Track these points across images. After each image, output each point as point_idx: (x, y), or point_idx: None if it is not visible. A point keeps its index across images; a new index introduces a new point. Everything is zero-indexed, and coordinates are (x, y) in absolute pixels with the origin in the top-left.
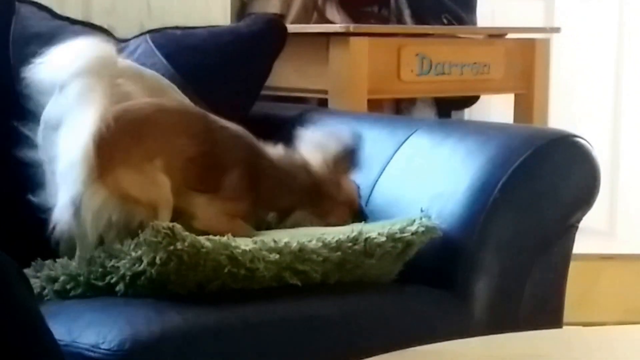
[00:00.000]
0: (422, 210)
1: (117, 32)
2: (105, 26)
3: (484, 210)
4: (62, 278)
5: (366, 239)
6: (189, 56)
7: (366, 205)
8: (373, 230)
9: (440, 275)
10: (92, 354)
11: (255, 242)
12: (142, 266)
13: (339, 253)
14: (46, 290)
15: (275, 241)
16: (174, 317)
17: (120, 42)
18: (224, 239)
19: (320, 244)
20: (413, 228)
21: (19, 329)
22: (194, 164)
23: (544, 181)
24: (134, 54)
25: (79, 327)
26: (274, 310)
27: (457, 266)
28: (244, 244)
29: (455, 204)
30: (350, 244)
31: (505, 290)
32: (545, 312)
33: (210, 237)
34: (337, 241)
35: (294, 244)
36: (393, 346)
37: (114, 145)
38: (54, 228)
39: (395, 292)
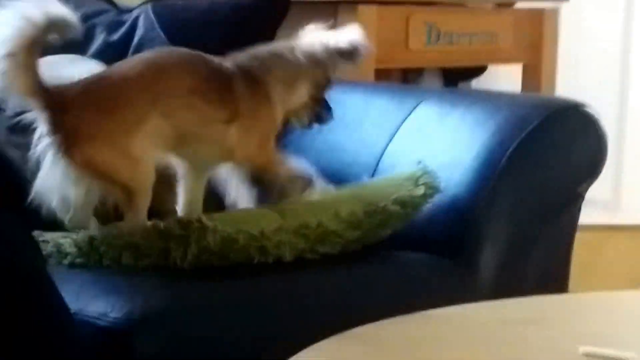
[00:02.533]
0: (419, 163)
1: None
2: None
3: (491, 179)
4: (70, 250)
5: (382, 211)
6: (187, 30)
7: (373, 175)
8: (383, 197)
9: (448, 243)
10: (100, 322)
11: (282, 227)
12: (170, 260)
13: (358, 231)
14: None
15: (302, 225)
16: (183, 288)
17: (124, 12)
18: (257, 228)
19: (343, 225)
20: (420, 191)
21: (30, 291)
22: (203, 95)
23: (552, 150)
24: (136, 25)
25: (87, 296)
26: (284, 282)
27: (464, 235)
28: (273, 226)
29: (463, 173)
30: (369, 220)
31: (511, 258)
32: (551, 281)
33: (242, 227)
34: (357, 219)
35: (319, 228)
36: (400, 313)
37: (83, 117)
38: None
39: (403, 260)
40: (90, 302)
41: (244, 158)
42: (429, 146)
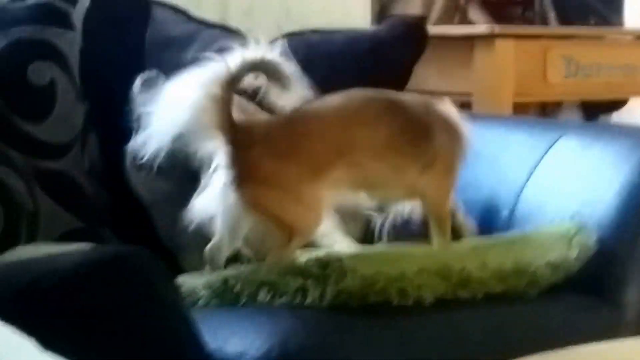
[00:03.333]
0: (573, 217)
1: (254, 34)
2: (242, 28)
3: (635, 216)
4: (203, 292)
5: (532, 272)
6: (324, 63)
7: (512, 212)
8: (535, 257)
9: (592, 282)
10: None
11: (424, 268)
12: (308, 299)
13: (502, 285)
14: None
15: (445, 267)
16: (321, 326)
17: None
18: (397, 270)
19: (488, 274)
20: (574, 254)
21: (168, 332)
22: (397, 149)
23: None
24: None
25: (224, 335)
26: (425, 323)
27: (608, 273)
28: (415, 268)
29: (606, 210)
30: (516, 278)
31: None
32: None
33: (383, 269)
34: (504, 274)
35: (463, 272)
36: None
37: (261, 158)
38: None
39: (546, 300)
40: (228, 341)
41: (432, 201)
42: (569, 182)
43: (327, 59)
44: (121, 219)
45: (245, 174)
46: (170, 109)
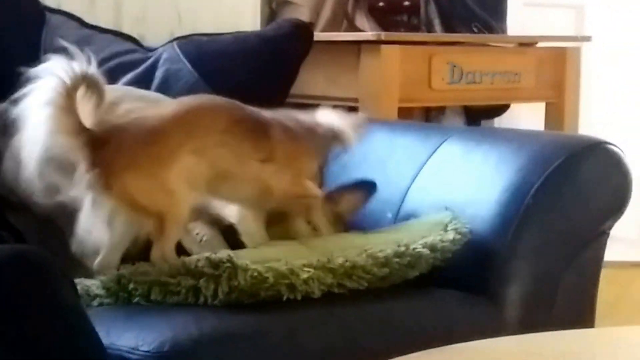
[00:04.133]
0: (446, 209)
1: (147, 40)
2: (135, 34)
3: (516, 216)
4: (98, 292)
5: (411, 253)
6: (214, 61)
7: (398, 212)
8: (414, 239)
9: (474, 280)
10: (131, 355)
11: (313, 264)
12: (200, 299)
13: (386, 269)
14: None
15: (329, 260)
16: (212, 322)
17: (148, 51)
18: (285, 266)
19: (370, 260)
20: (450, 236)
21: (67, 329)
22: (237, 135)
23: (577, 188)
24: (159, 60)
25: (118, 330)
26: (311, 315)
27: (490, 272)
28: (306, 265)
29: (488, 211)
30: (397, 259)
31: (537, 295)
32: (577, 318)
33: (272, 265)
34: (385, 257)
35: (346, 263)
36: (427, 348)
37: (120, 151)
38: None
39: (429, 297)
40: (122, 337)
41: (280, 192)
42: (453, 184)
43: (216, 58)
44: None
45: (107, 169)
46: (25, 137)
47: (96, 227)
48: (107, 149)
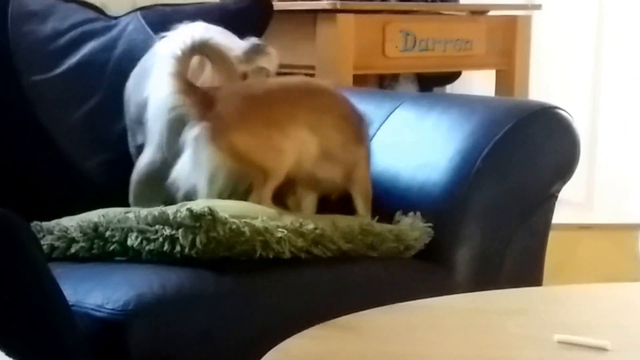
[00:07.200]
0: (415, 213)
1: (110, 9)
2: (98, 4)
3: (467, 180)
4: (75, 234)
5: (375, 235)
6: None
7: None
8: (384, 227)
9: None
10: (97, 313)
11: (287, 227)
12: (176, 248)
13: (350, 245)
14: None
15: (301, 224)
16: (176, 282)
17: (112, 19)
18: (261, 224)
19: (338, 233)
20: (416, 234)
21: (32, 288)
22: (349, 124)
23: (526, 152)
24: (125, 30)
25: (85, 289)
26: (273, 278)
27: (440, 235)
28: (280, 226)
29: (439, 174)
30: (361, 237)
31: (486, 258)
32: (525, 279)
33: (249, 221)
34: (350, 233)
35: (317, 230)
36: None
37: (232, 111)
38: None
39: (384, 262)
40: (89, 295)
41: (359, 183)
42: (406, 149)
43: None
44: None
45: (216, 126)
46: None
47: (197, 181)
48: (218, 108)
